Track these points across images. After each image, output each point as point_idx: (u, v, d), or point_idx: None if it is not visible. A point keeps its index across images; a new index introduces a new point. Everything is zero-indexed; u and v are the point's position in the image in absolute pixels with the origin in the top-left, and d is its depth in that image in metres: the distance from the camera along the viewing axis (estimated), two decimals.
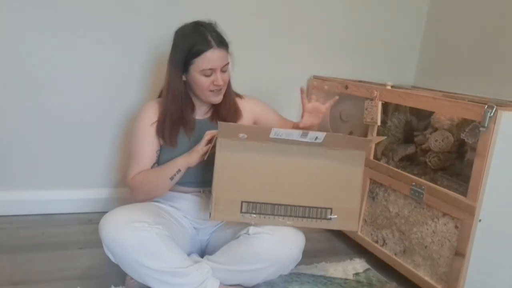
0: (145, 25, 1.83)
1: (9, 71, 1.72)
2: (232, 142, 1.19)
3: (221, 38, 1.34)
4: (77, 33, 1.76)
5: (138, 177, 1.36)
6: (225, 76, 1.36)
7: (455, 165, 1.59)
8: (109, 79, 1.85)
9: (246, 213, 1.23)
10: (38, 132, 1.81)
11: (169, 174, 1.31)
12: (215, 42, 1.30)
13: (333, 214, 1.28)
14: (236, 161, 1.21)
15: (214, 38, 1.31)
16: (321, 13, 2.11)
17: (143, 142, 1.38)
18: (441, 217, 1.35)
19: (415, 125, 1.78)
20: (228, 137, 1.19)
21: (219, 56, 1.31)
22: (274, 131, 1.18)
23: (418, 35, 2.33)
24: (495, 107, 1.15)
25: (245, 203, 1.23)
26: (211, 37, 1.31)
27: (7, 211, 1.83)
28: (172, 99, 1.36)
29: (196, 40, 1.30)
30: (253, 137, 1.20)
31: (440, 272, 1.35)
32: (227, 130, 1.18)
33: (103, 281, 1.38)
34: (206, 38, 1.30)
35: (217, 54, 1.31)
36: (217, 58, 1.31)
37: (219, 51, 1.31)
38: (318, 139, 1.21)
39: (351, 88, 1.76)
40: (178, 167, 1.30)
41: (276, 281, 1.43)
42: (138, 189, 1.36)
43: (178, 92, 1.36)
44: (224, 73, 1.35)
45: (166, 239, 1.23)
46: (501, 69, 1.89)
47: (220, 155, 1.20)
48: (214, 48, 1.30)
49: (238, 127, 1.19)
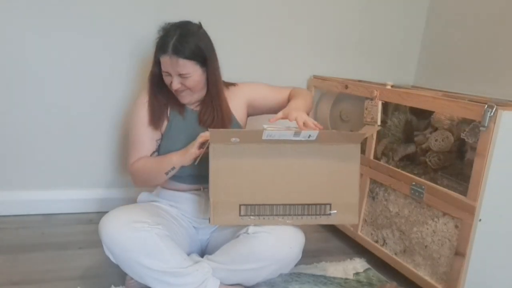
0: (144, 24, 1.83)
1: (9, 71, 1.72)
2: (225, 147, 1.19)
3: (184, 48, 1.30)
4: (75, 31, 1.77)
5: (136, 164, 1.38)
6: (187, 82, 1.34)
7: (455, 164, 1.59)
8: (109, 80, 1.85)
9: (245, 216, 1.23)
10: (38, 132, 1.81)
11: (164, 170, 1.32)
12: (172, 48, 1.30)
13: (332, 209, 1.29)
14: (231, 165, 1.20)
15: (174, 45, 1.29)
16: (321, 13, 2.11)
17: (140, 129, 1.40)
18: (441, 216, 1.34)
19: (415, 124, 1.78)
20: (220, 142, 1.18)
21: (172, 63, 1.31)
22: (267, 133, 1.17)
23: (418, 35, 2.33)
24: (495, 107, 1.15)
25: (243, 206, 1.23)
26: (173, 43, 1.30)
27: (7, 211, 1.83)
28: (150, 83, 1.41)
29: (160, 41, 1.34)
30: (245, 140, 1.19)
31: (440, 271, 1.34)
32: (218, 136, 1.17)
33: (103, 281, 1.38)
34: (165, 43, 1.31)
35: (169, 61, 1.31)
36: (170, 64, 1.31)
37: (172, 58, 1.30)
38: (311, 137, 1.21)
39: (351, 87, 1.76)
40: (172, 165, 1.31)
41: (276, 281, 1.43)
42: (137, 176, 1.40)
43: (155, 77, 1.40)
44: (185, 79, 1.33)
45: (166, 239, 1.23)
46: (501, 69, 1.89)
47: (214, 161, 1.20)
48: (167, 54, 1.30)
49: (230, 132, 1.18)
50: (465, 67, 2.08)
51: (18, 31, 1.70)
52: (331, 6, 2.12)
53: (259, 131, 1.18)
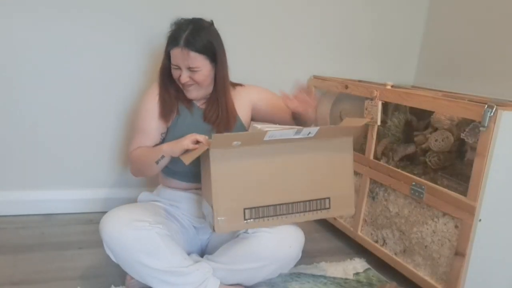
0: (144, 22, 1.83)
1: (9, 71, 1.72)
2: (224, 151, 1.17)
3: (196, 41, 1.31)
4: (77, 29, 1.77)
5: (134, 152, 1.39)
6: (196, 76, 1.35)
7: (455, 164, 1.59)
8: (110, 80, 1.85)
9: (250, 220, 1.22)
10: (38, 132, 1.81)
11: (155, 158, 1.31)
12: (184, 41, 1.31)
13: (331, 203, 1.30)
14: (231, 169, 1.19)
15: (186, 38, 1.31)
16: (321, 13, 2.11)
17: (147, 119, 1.40)
18: (441, 216, 1.35)
19: (415, 124, 1.78)
20: (220, 147, 1.16)
21: (183, 56, 1.32)
22: (269, 134, 1.16)
23: (418, 35, 2.33)
24: (495, 107, 1.15)
25: (247, 209, 1.21)
26: (185, 36, 1.31)
27: (7, 211, 1.83)
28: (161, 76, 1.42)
29: (172, 33, 1.35)
30: (247, 143, 1.18)
31: (440, 271, 1.34)
32: (220, 141, 1.15)
33: (103, 281, 1.39)
34: (180, 35, 1.32)
35: (180, 53, 1.32)
36: (180, 57, 1.32)
37: (183, 51, 1.31)
38: (310, 134, 1.22)
39: (351, 88, 1.76)
40: (162, 153, 1.29)
41: (276, 281, 1.43)
42: (133, 165, 1.41)
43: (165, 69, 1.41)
44: (194, 73, 1.34)
45: (167, 238, 1.23)
46: (501, 69, 1.89)
47: (214, 166, 1.17)
48: (179, 47, 1.31)
49: (231, 136, 1.15)
50: (465, 67, 2.08)
51: (19, 29, 1.70)
52: (331, 6, 2.12)
53: (261, 133, 1.17)
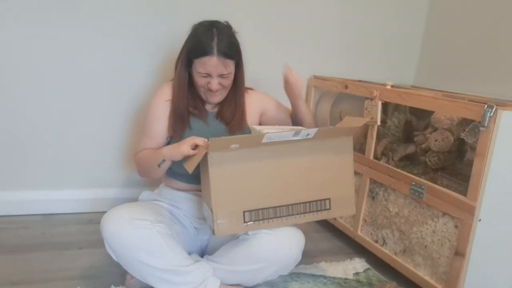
0: (149, 23, 1.83)
1: (9, 71, 1.72)
2: (223, 155, 1.16)
3: (228, 48, 1.29)
4: (81, 30, 1.77)
5: (140, 154, 1.39)
6: (225, 81, 1.34)
7: (455, 164, 1.59)
8: (111, 81, 1.85)
9: (249, 222, 1.21)
10: (38, 132, 1.81)
11: (156, 162, 1.31)
12: (217, 50, 1.28)
13: (332, 203, 1.30)
14: (230, 172, 1.18)
15: (218, 46, 1.28)
16: (321, 13, 2.11)
17: (152, 122, 1.40)
18: (441, 216, 1.35)
19: (415, 124, 1.78)
20: (218, 150, 1.15)
21: (217, 64, 1.29)
22: (267, 136, 1.16)
23: (418, 35, 2.33)
24: (495, 107, 1.15)
25: (247, 212, 1.21)
26: (216, 43, 1.28)
27: (7, 211, 1.83)
28: (177, 88, 1.38)
29: (201, 42, 1.29)
30: (245, 145, 1.17)
31: (440, 271, 1.34)
32: (218, 144, 1.14)
33: (103, 281, 1.39)
34: (210, 43, 1.28)
35: (215, 62, 1.28)
36: (214, 66, 1.29)
37: (219, 59, 1.28)
38: (309, 135, 1.22)
39: (351, 87, 1.76)
40: (162, 157, 1.28)
41: (276, 281, 1.43)
42: (138, 166, 1.42)
43: (182, 82, 1.37)
44: (224, 79, 1.33)
45: (168, 237, 1.23)
46: (501, 69, 1.89)
47: (213, 170, 1.16)
48: (213, 56, 1.28)
49: (229, 140, 1.15)
50: (465, 67, 2.08)
51: (21, 31, 1.70)
52: (331, 6, 2.12)
53: (259, 135, 1.16)
